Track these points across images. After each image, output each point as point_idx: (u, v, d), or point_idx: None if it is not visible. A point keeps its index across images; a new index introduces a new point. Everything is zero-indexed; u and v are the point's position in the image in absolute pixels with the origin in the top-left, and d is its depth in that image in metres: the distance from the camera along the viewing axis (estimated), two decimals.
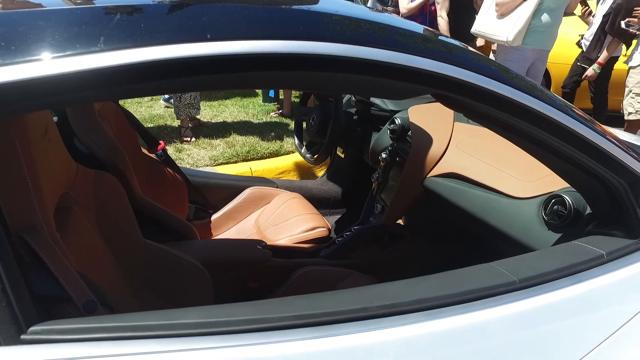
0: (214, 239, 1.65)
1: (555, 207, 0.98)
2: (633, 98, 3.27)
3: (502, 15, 2.84)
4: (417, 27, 0.73)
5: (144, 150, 1.72)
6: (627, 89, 3.30)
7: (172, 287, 1.15)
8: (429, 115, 1.55)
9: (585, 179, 0.81)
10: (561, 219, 0.97)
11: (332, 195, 2.23)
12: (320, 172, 2.77)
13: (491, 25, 2.91)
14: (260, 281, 1.40)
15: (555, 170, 0.85)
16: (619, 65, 3.60)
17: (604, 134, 0.76)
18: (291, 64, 0.55)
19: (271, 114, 4.08)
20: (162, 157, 1.76)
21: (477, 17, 3.03)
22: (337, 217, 2.22)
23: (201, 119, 3.70)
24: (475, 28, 3.02)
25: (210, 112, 4.04)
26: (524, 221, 1.07)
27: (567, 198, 0.96)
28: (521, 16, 2.78)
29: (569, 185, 1.04)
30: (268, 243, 1.70)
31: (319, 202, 2.19)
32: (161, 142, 1.73)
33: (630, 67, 3.29)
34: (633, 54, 3.29)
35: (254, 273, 1.38)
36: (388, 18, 0.72)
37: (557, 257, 0.72)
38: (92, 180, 0.93)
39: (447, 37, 0.71)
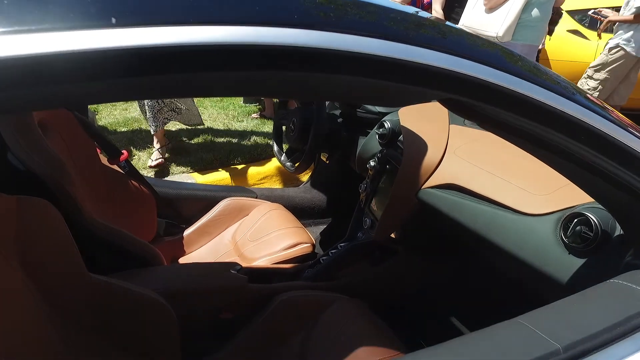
0: (182, 263, 1.48)
1: (578, 227, 0.83)
2: (585, 79, 3.40)
3: (490, 10, 2.72)
4: (415, 11, 0.57)
5: (105, 162, 1.53)
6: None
7: (129, 329, 0.97)
8: (421, 118, 1.40)
9: (619, 195, 0.66)
10: (585, 242, 0.82)
11: (316, 204, 2.07)
12: (304, 177, 2.61)
13: (479, 20, 2.77)
14: (235, 310, 1.23)
15: (582, 185, 0.70)
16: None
17: None
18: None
19: (252, 115, 3.90)
20: (126, 168, 1.57)
21: (464, 11, 2.90)
22: (322, 227, 2.06)
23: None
24: (463, 23, 2.89)
25: None
26: (537, 242, 0.91)
27: (592, 217, 0.81)
28: (511, 11, 2.65)
29: (590, 200, 0.89)
30: (245, 263, 1.53)
31: (302, 212, 2.02)
32: (124, 151, 1.54)
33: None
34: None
35: (227, 302, 1.21)
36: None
37: (603, 307, 0.57)
38: (13, 209, 0.75)
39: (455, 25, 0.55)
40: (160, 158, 2.80)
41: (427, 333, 1.42)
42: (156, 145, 2.83)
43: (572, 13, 4.24)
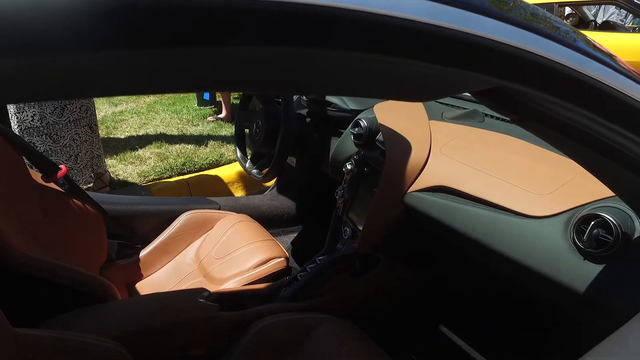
0: (139, 296, 1.29)
1: (596, 231, 0.74)
2: None
3: None
4: None
5: (38, 180, 1.31)
6: None
7: None
8: (398, 114, 1.29)
9: None
10: (604, 246, 0.73)
11: (285, 212, 1.92)
12: (269, 182, 2.45)
13: None
14: (207, 345, 1.06)
15: (618, 188, 0.60)
16: None
17: None
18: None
19: (208, 118, 3.68)
20: (65, 185, 1.36)
21: None
22: (292, 236, 1.92)
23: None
24: None
25: (138, 120, 3.56)
26: (547, 248, 0.82)
27: (611, 219, 0.72)
28: None
29: (598, 197, 0.81)
30: (213, 286, 1.36)
31: (270, 221, 1.87)
32: (61, 166, 1.33)
33: None
34: None
35: (197, 336, 1.05)
36: None
37: None
38: None
39: None
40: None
41: (419, 345, 1.32)
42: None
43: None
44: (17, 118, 2.00)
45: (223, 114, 3.66)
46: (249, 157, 1.64)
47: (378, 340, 1.06)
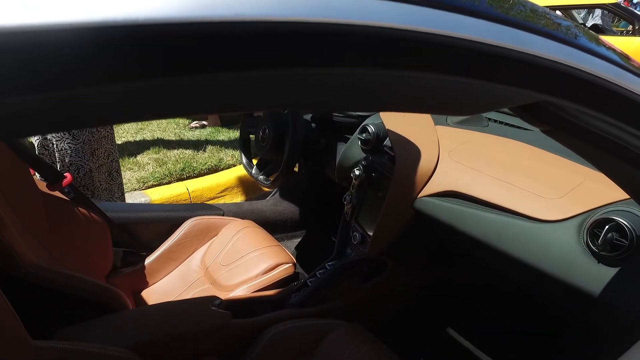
0: (152, 305, 1.28)
1: (610, 234, 0.75)
2: None
3: None
4: None
5: (43, 188, 1.30)
6: None
7: None
8: (405, 119, 1.30)
9: None
10: (619, 250, 0.74)
11: (289, 217, 1.92)
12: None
13: None
14: (220, 352, 1.06)
15: (636, 193, 0.61)
16: None
17: None
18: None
19: (191, 124, 3.61)
20: (71, 193, 1.35)
21: None
22: (296, 241, 1.92)
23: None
24: None
25: (134, 125, 3.54)
26: (560, 252, 0.83)
27: (625, 223, 0.74)
28: None
29: (610, 201, 0.83)
30: (222, 292, 1.36)
31: (274, 226, 1.87)
32: (66, 174, 1.32)
33: None
34: None
35: (210, 344, 1.04)
36: None
37: None
38: None
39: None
40: None
41: (429, 348, 1.33)
42: None
43: None
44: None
45: (209, 121, 3.61)
46: (254, 164, 1.64)
47: (388, 342, 1.06)
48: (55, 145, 1.78)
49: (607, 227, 0.76)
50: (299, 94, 0.28)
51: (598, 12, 5.99)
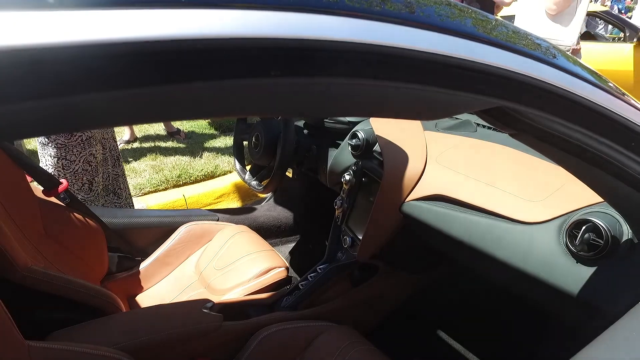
0: (144, 307, 1.30)
1: (587, 235, 0.78)
2: None
3: (555, 17, 2.55)
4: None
5: (39, 194, 1.32)
6: None
7: None
8: (394, 125, 1.33)
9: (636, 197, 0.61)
10: (595, 250, 0.77)
11: (283, 222, 1.95)
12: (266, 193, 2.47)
13: (545, 29, 2.56)
14: (212, 354, 1.08)
15: (606, 194, 0.64)
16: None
17: None
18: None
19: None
20: (67, 199, 1.37)
21: (517, 21, 2.72)
22: (290, 246, 1.94)
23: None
24: None
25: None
26: (541, 252, 0.86)
27: (601, 223, 0.76)
28: (578, 15, 2.51)
29: (588, 203, 0.85)
30: (215, 296, 1.38)
31: (268, 232, 1.90)
32: (62, 181, 1.35)
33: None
34: None
35: (202, 346, 1.06)
36: None
37: None
38: None
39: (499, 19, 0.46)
40: None
41: (419, 350, 1.35)
42: None
43: None
44: None
45: (127, 136, 3.33)
46: (247, 169, 1.66)
47: (379, 345, 1.08)
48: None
49: (584, 227, 0.78)
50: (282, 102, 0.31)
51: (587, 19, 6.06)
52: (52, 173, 1.76)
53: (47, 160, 1.79)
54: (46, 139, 1.77)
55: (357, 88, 0.33)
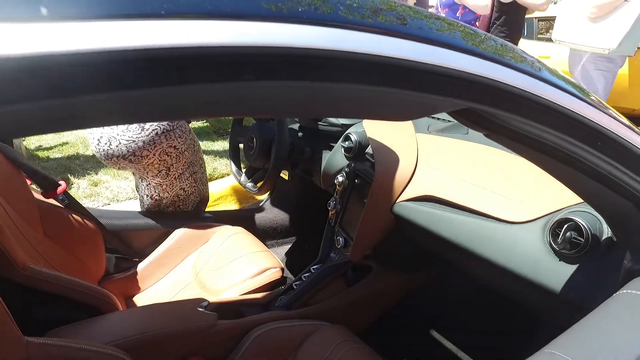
0: (140, 306, 1.32)
1: (569, 233, 0.80)
2: None
3: (596, 21, 2.45)
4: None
5: (38, 195, 1.35)
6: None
7: None
8: (386, 127, 1.35)
9: (619, 202, 0.63)
10: (576, 248, 0.79)
11: (279, 224, 1.97)
12: (262, 195, 2.50)
13: (582, 33, 2.50)
14: (206, 353, 1.10)
15: (580, 192, 0.67)
16: None
17: None
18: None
19: None
20: (65, 201, 1.39)
21: (556, 26, 2.68)
22: (287, 247, 1.96)
23: None
24: (556, 38, 2.66)
25: None
26: (526, 251, 0.88)
27: (582, 222, 0.79)
28: (626, 20, 2.38)
29: (572, 203, 0.88)
30: (210, 296, 1.40)
31: (265, 233, 1.92)
32: (61, 182, 1.37)
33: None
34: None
35: (196, 343, 1.08)
36: None
37: (631, 324, 0.53)
38: None
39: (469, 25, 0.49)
40: None
41: (412, 349, 1.37)
42: None
43: None
44: None
45: None
46: (243, 171, 1.69)
47: (372, 344, 1.10)
48: None
49: (565, 226, 0.81)
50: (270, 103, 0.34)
51: None
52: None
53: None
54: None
55: (336, 92, 0.35)
